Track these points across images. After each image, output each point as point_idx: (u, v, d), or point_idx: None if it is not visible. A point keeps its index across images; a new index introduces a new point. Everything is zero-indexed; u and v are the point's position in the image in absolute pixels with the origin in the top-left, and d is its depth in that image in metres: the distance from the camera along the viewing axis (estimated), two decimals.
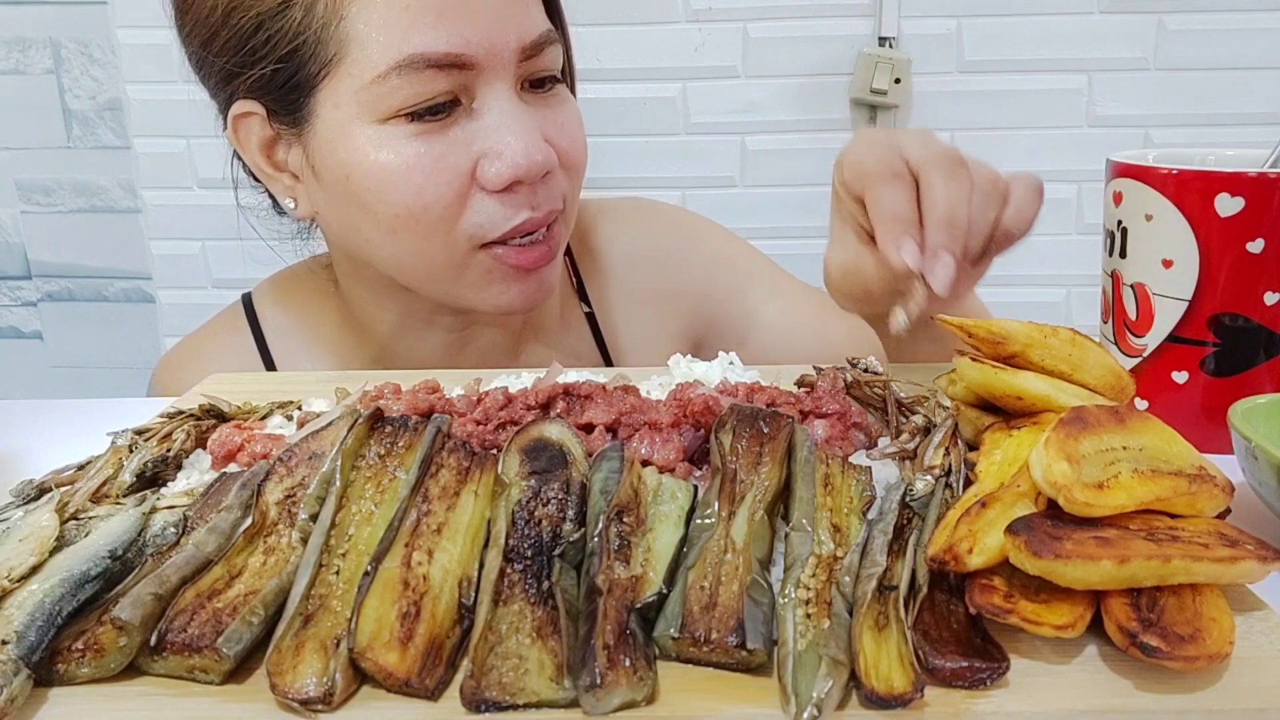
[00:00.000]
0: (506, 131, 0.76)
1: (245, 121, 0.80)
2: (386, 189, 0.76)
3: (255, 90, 0.78)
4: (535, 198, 0.78)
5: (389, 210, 0.76)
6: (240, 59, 0.77)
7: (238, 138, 0.82)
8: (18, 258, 2.11)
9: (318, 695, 0.38)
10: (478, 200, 0.77)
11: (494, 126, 0.76)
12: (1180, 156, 0.69)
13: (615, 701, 0.38)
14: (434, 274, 0.81)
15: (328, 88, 0.76)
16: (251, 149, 0.82)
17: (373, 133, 0.75)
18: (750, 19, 1.86)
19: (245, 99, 0.79)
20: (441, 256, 0.79)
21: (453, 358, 0.91)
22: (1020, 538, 0.41)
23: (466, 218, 0.77)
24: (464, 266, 0.79)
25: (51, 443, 0.64)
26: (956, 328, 0.56)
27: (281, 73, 0.76)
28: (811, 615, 0.41)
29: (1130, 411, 0.50)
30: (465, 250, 0.78)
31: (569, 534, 0.46)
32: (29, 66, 2.01)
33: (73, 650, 0.40)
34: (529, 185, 0.77)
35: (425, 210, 0.76)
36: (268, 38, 0.75)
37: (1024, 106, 1.88)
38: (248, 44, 0.76)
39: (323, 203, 0.81)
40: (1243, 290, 0.63)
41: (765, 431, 0.52)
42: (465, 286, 0.81)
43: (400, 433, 0.52)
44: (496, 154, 0.76)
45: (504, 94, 0.77)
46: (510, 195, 0.77)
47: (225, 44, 0.78)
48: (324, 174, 0.79)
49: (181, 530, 0.48)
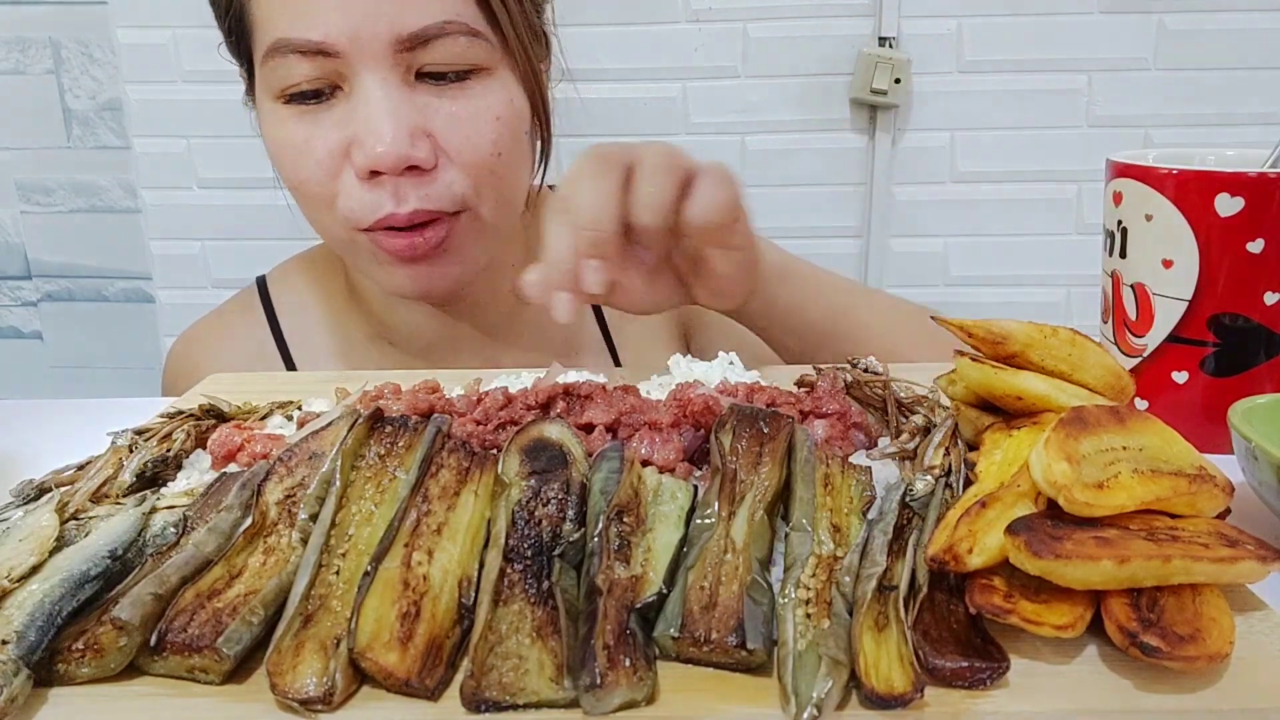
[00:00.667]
0: (371, 121, 0.76)
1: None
2: (278, 162, 0.82)
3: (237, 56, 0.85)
4: (401, 193, 0.77)
5: (287, 181, 0.82)
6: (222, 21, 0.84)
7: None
8: (18, 258, 2.11)
9: (318, 695, 0.38)
10: (348, 185, 0.79)
11: (362, 114, 0.77)
12: (1180, 156, 0.69)
13: (615, 701, 0.38)
14: (340, 245, 0.85)
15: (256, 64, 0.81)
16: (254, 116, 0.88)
17: (271, 109, 0.81)
18: (750, 19, 1.86)
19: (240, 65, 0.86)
20: (333, 231, 0.83)
21: (448, 335, 0.93)
22: (1020, 538, 0.41)
23: (341, 199, 0.79)
24: (352, 243, 0.82)
25: (51, 443, 0.63)
26: (956, 328, 0.56)
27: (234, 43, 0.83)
28: (811, 615, 0.41)
29: (1130, 411, 0.50)
30: (346, 230, 0.81)
31: (569, 534, 0.46)
32: (29, 66, 2.01)
33: (73, 650, 0.40)
34: (393, 178, 0.77)
35: (302, 185, 0.80)
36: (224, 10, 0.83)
37: (1024, 106, 1.88)
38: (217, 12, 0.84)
39: None
40: (1243, 290, 0.63)
41: (765, 431, 0.52)
42: (360, 263, 0.84)
43: (400, 433, 0.52)
44: (358, 141, 0.77)
45: (376, 83, 0.76)
46: (375, 187, 0.78)
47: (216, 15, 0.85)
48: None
49: (181, 530, 0.48)
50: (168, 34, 1.86)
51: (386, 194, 0.77)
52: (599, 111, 1.83)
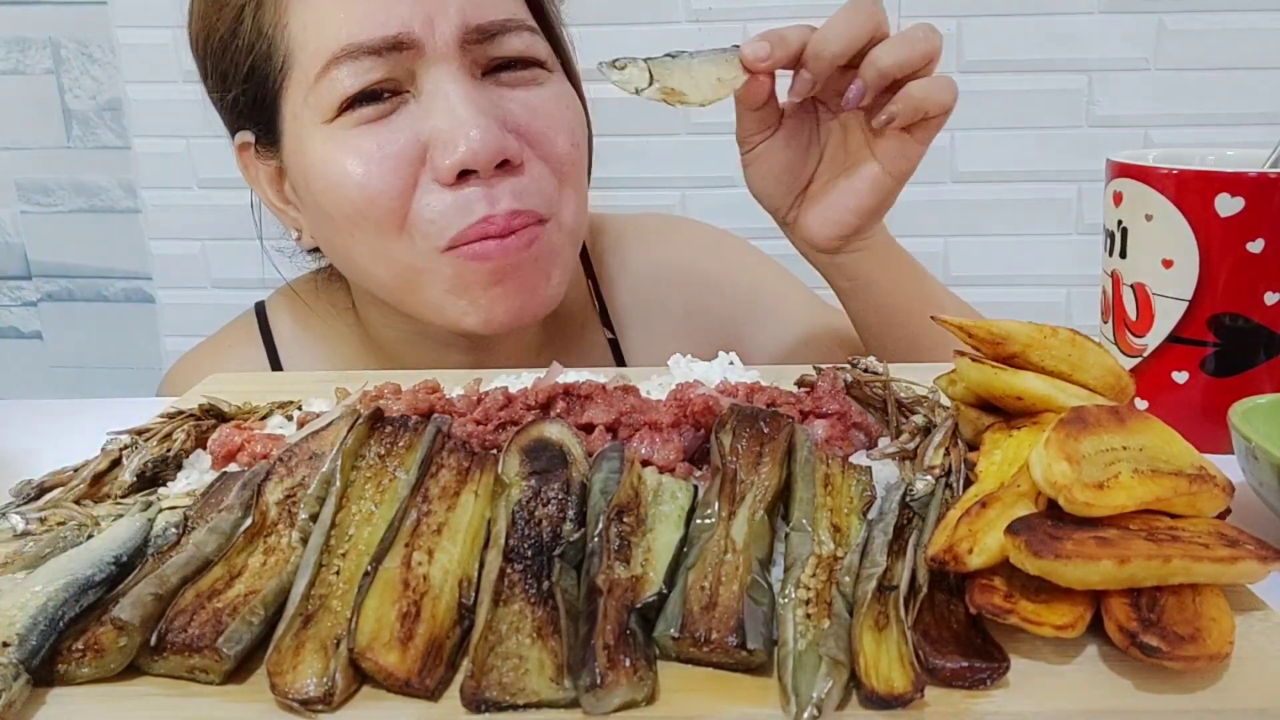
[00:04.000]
0: (452, 114, 0.71)
1: (246, 154, 0.81)
2: (335, 185, 0.73)
3: (241, 118, 0.79)
4: (494, 193, 0.73)
5: (341, 210, 0.74)
6: (222, 87, 0.78)
7: (247, 173, 0.82)
8: (18, 258, 2.11)
9: (318, 695, 0.38)
10: (429, 193, 0.73)
11: (440, 110, 0.72)
12: (1180, 156, 0.69)
13: (615, 701, 0.38)
14: (404, 280, 0.76)
15: (286, 99, 0.76)
16: (261, 183, 0.82)
17: (323, 134, 0.74)
18: (750, 19, 1.85)
19: (241, 130, 0.80)
20: (404, 258, 0.74)
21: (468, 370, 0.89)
22: (1020, 538, 0.41)
23: (417, 212, 0.73)
24: (430, 271, 0.75)
25: (51, 443, 0.63)
26: (956, 328, 0.56)
27: (248, 93, 0.77)
28: (811, 615, 0.41)
29: (1130, 411, 0.50)
30: (426, 252, 0.74)
31: (569, 534, 0.46)
32: (29, 66, 2.01)
33: (73, 650, 0.41)
34: (485, 178, 0.72)
35: (371, 204, 0.72)
36: (231, 58, 0.76)
37: (1024, 106, 1.88)
38: (220, 69, 0.78)
39: (308, 223, 0.80)
40: (1243, 290, 0.63)
41: (765, 431, 0.52)
42: (441, 293, 0.76)
43: (400, 433, 0.52)
44: (443, 139, 0.71)
45: (451, 76, 0.72)
46: (464, 189, 0.72)
47: (212, 71, 0.79)
48: (297, 188, 0.78)
49: (181, 530, 0.48)
50: (168, 34, 1.86)
51: (478, 196, 0.72)
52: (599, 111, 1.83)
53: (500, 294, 0.75)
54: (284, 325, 0.93)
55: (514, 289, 0.76)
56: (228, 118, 0.81)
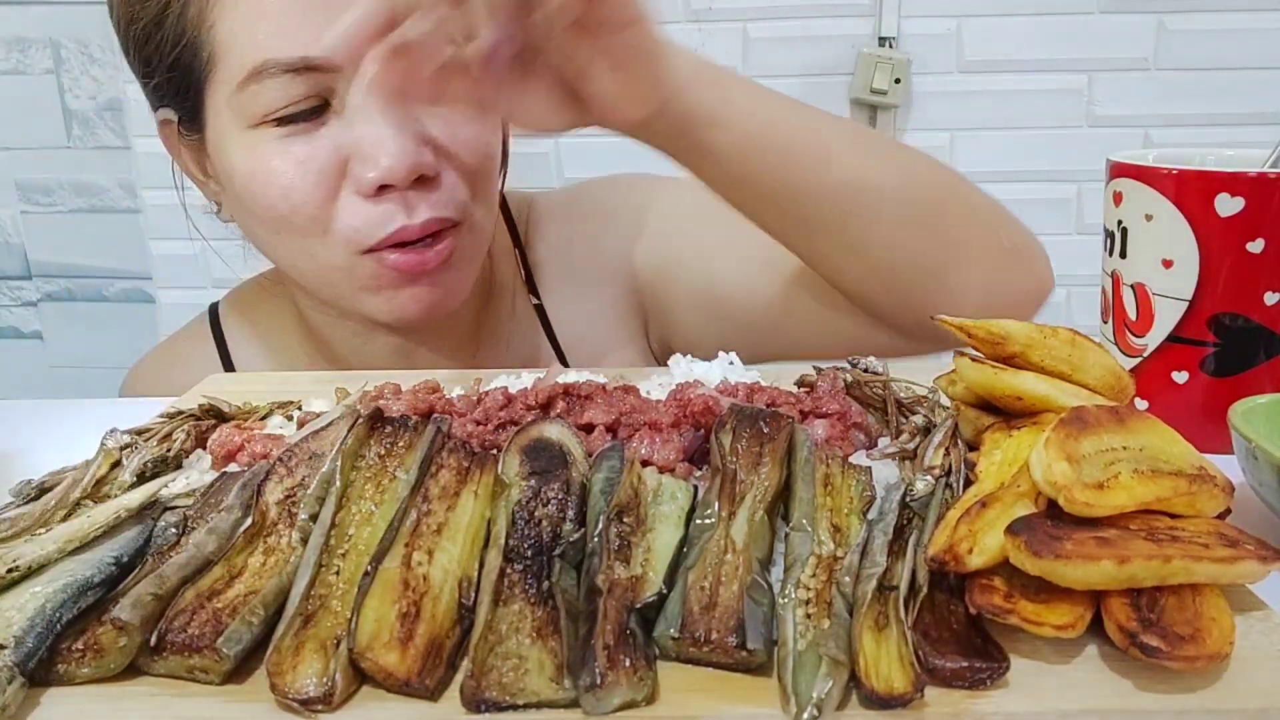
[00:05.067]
0: (374, 133, 0.73)
1: (167, 130, 0.83)
2: (258, 192, 0.76)
3: (166, 98, 0.81)
4: (411, 205, 0.75)
5: (266, 214, 0.77)
6: (145, 67, 0.80)
7: (168, 145, 0.85)
8: (18, 258, 2.11)
9: (318, 695, 0.38)
10: (350, 203, 0.75)
11: (362, 129, 0.74)
12: (1180, 156, 0.69)
13: (615, 701, 0.38)
14: (325, 277, 0.80)
15: (210, 94, 0.77)
16: (182, 157, 0.85)
17: (245, 138, 0.76)
18: (750, 19, 1.86)
19: (163, 107, 0.82)
20: (325, 258, 0.78)
21: (404, 361, 0.90)
22: (1020, 538, 0.41)
23: (340, 219, 0.76)
24: (349, 270, 0.78)
25: (51, 443, 0.63)
26: (956, 328, 0.56)
27: (173, 81, 0.78)
28: (811, 615, 0.41)
29: (1130, 411, 0.50)
30: (346, 254, 0.77)
31: (569, 534, 0.46)
32: (29, 66, 2.01)
33: (73, 650, 0.40)
34: (402, 191, 0.75)
35: (294, 212, 0.76)
36: (156, 45, 0.78)
37: (1024, 106, 1.88)
38: (144, 52, 0.79)
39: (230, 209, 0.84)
40: (1243, 290, 0.63)
41: (765, 431, 0.52)
42: (355, 290, 0.79)
43: (400, 433, 0.52)
44: (362, 156, 0.74)
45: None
46: (382, 201, 0.75)
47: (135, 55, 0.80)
48: (219, 177, 0.81)
49: (181, 530, 0.48)
50: None
51: (396, 207, 0.75)
52: None
53: (413, 293, 0.79)
54: (234, 323, 0.96)
55: (427, 288, 0.79)
56: (151, 96, 0.82)
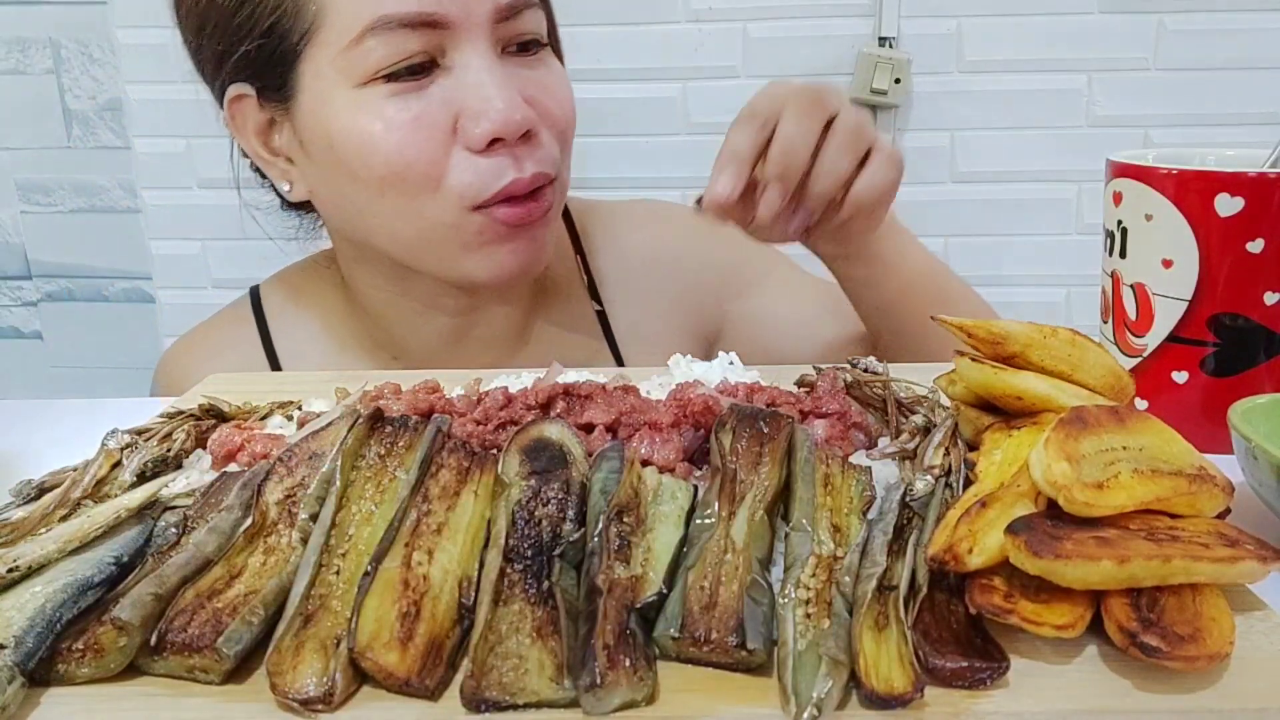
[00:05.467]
0: (485, 89, 0.76)
1: (240, 106, 0.83)
2: (368, 151, 0.77)
3: (245, 72, 0.81)
4: (519, 159, 0.79)
5: (373, 173, 0.78)
6: (228, 40, 0.80)
7: (235, 124, 0.84)
8: (18, 258, 2.11)
9: (318, 695, 0.38)
10: (462, 159, 0.78)
11: (472, 84, 0.77)
12: (1180, 156, 0.69)
13: (615, 701, 0.38)
14: (427, 237, 0.81)
15: (308, 58, 0.78)
16: (248, 134, 0.84)
17: (352, 97, 0.77)
18: (750, 19, 1.86)
19: (237, 82, 0.81)
20: (433, 215, 0.79)
21: (455, 346, 0.92)
22: (1020, 538, 0.41)
23: (452, 176, 0.78)
24: (458, 227, 0.80)
25: (51, 443, 0.63)
26: (956, 328, 0.56)
27: (265, 48, 0.79)
28: (811, 615, 0.41)
29: (1130, 411, 0.50)
30: (457, 209, 0.79)
31: (569, 534, 0.46)
32: (29, 66, 2.01)
33: (73, 650, 0.40)
34: (511, 145, 0.78)
35: (408, 168, 0.77)
36: (250, 14, 0.78)
37: (1024, 106, 1.88)
38: (232, 23, 0.79)
39: (315, 179, 0.83)
40: (1243, 290, 0.63)
41: (765, 431, 0.52)
42: (460, 248, 0.81)
43: (400, 433, 0.52)
44: (476, 112, 0.76)
45: (481, 52, 0.77)
46: (493, 155, 0.78)
47: (215, 27, 0.80)
48: (311, 147, 0.81)
49: (181, 530, 0.48)
50: (168, 34, 1.84)
51: (506, 161, 0.78)
52: (599, 111, 1.83)
53: (513, 248, 0.82)
54: (276, 305, 0.96)
55: (525, 243, 0.82)
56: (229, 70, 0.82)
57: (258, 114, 0.82)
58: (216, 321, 0.99)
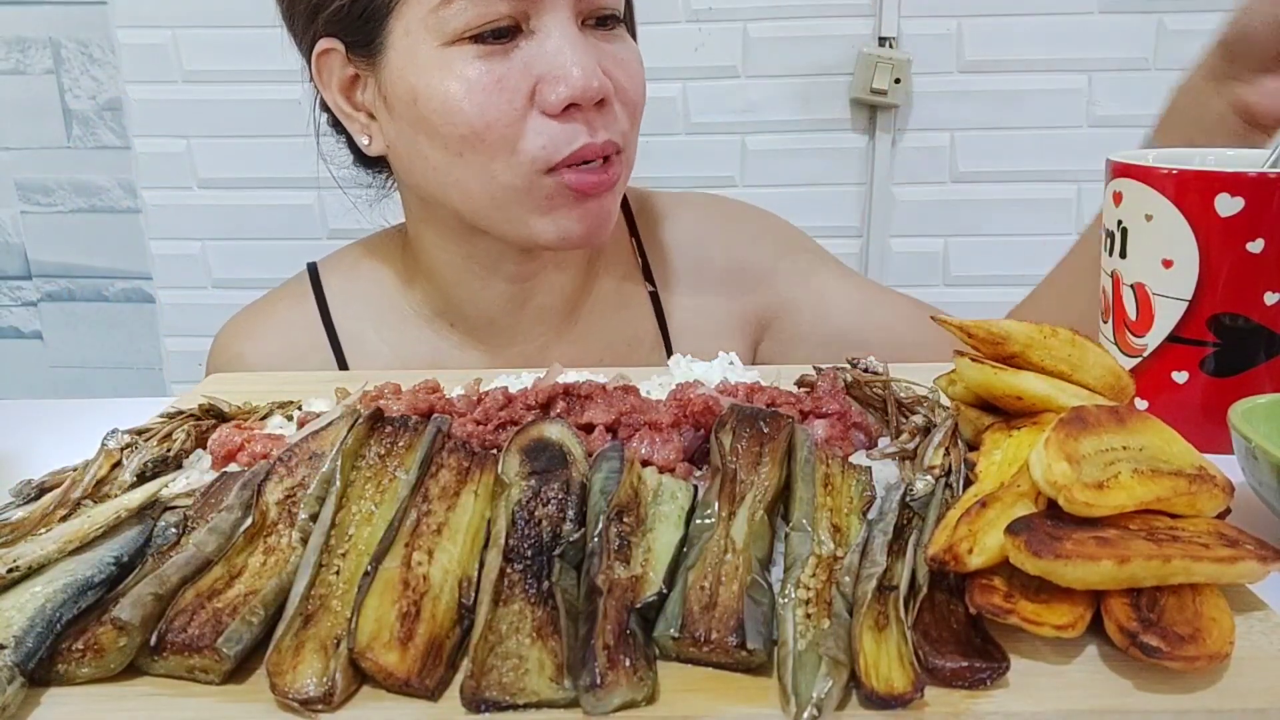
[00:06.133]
0: (565, 55, 0.79)
1: (327, 60, 0.85)
2: (451, 109, 0.80)
3: (336, 26, 0.84)
4: (593, 125, 0.81)
5: (454, 131, 0.80)
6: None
7: (320, 78, 0.87)
8: (18, 258, 2.11)
9: (318, 695, 0.38)
10: (537, 122, 0.80)
11: (553, 51, 0.79)
12: (1180, 156, 0.69)
13: (615, 701, 0.38)
14: (499, 198, 0.83)
15: (399, 15, 0.81)
16: (332, 88, 0.87)
17: (439, 55, 0.80)
18: (750, 19, 1.86)
19: (326, 37, 0.84)
20: (506, 177, 0.82)
21: (513, 313, 0.94)
22: (1020, 538, 0.41)
23: (528, 139, 0.80)
24: (529, 189, 0.82)
25: (51, 443, 0.63)
26: (956, 328, 0.56)
27: (359, 4, 0.82)
28: (811, 615, 0.41)
29: (1130, 411, 0.50)
30: (530, 172, 0.81)
31: (569, 534, 0.46)
32: (29, 66, 2.01)
33: (73, 650, 0.41)
34: (585, 111, 0.80)
35: (487, 128, 0.80)
36: None
37: (1024, 106, 1.88)
38: None
39: (394, 135, 0.86)
40: (1243, 290, 0.63)
41: (765, 431, 0.52)
42: (530, 210, 0.83)
43: (400, 433, 0.52)
44: (555, 77, 0.79)
45: (563, 21, 0.80)
46: (568, 120, 0.80)
47: None
48: (395, 103, 0.83)
49: (182, 530, 0.48)
50: (168, 34, 1.86)
51: (580, 126, 0.81)
52: None
53: (580, 214, 0.84)
54: (335, 279, 0.99)
55: (592, 211, 0.84)
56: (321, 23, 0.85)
57: (343, 69, 0.85)
58: (273, 297, 1.01)
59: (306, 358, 0.94)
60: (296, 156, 1.90)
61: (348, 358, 0.95)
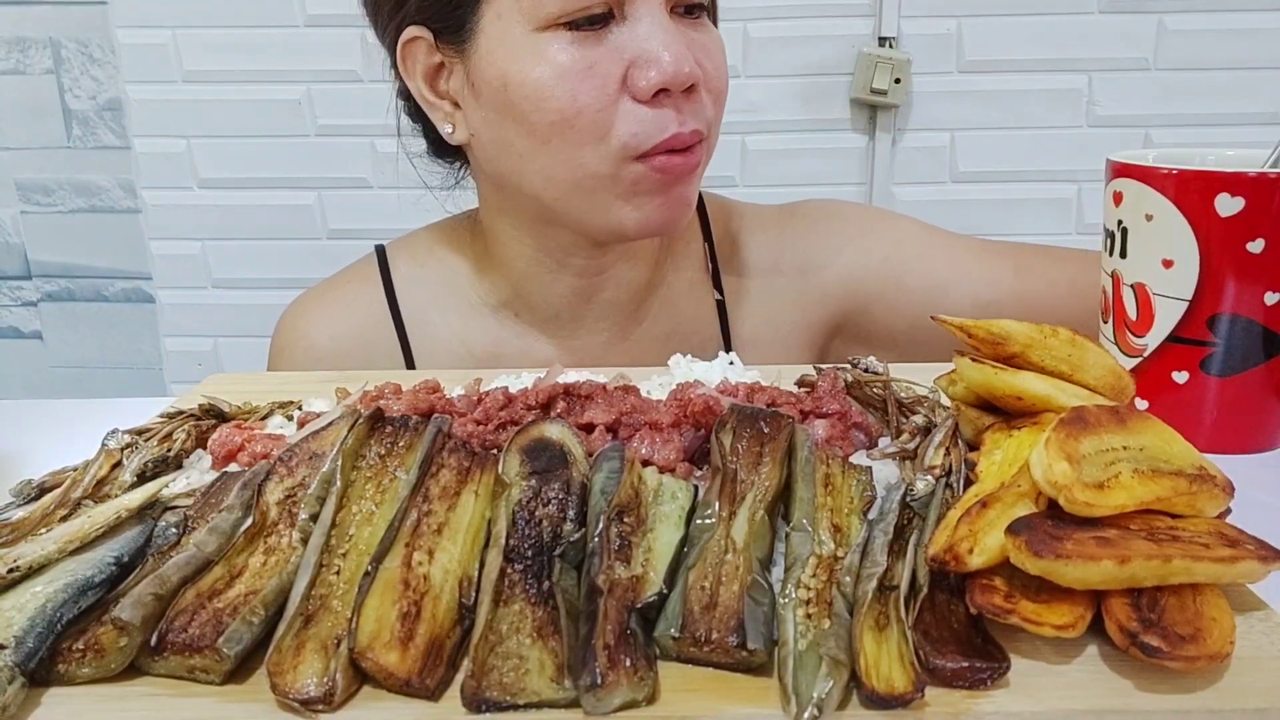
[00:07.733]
0: (657, 41, 0.79)
1: (413, 48, 0.86)
2: (543, 95, 0.80)
3: (426, 13, 0.84)
4: (682, 112, 0.81)
5: (545, 118, 0.80)
6: None
7: (405, 66, 0.87)
8: (18, 258, 2.11)
9: (318, 695, 0.38)
10: (628, 108, 0.80)
11: (645, 36, 0.80)
12: (1180, 156, 0.69)
13: (616, 701, 0.38)
14: (584, 184, 0.83)
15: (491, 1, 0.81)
16: (417, 77, 0.87)
17: (532, 41, 0.80)
18: (750, 19, 1.86)
19: (414, 25, 0.84)
20: (594, 164, 0.82)
21: (579, 307, 0.94)
22: (1020, 538, 0.41)
23: (619, 125, 0.80)
24: (615, 176, 0.82)
25: (51, 443, 0.64)
26: (956, 328, 0.56)
27: None
28: (812, 615, 0.41)
29: (1130, 411, 0.50)
30: (618, 159, 0.81)
31: (569, 534, 0.46)
32: (29, 66, 2.01)
33: (73, 650, 0.41)
34: (674, 98, 0.80)
35: (579, 114, 0.80)
36: None
37: (1024, 106, 1.88)
38: None
39: (479, 122, 0.86)
40: (1243, 290, 0.63)
41: (765, 431, 0.52)
42: (613, 197, 0.83)
43: (400, 433, 0.52)
44: (646, 62, 0.79)
45: (655, 8, 0.80)
46: (658, 106, 0.80)
47: None
48: (483, 89, 0.83)
49: (182, 530, 0.48)
50: (168, 34, 1.86)
51: (670, 113, 0.81)
52: None
53: (664, 201, 0.84)
54: (403, 264, 0.99)
55: (675, 198, 0.85)
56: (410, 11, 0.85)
57: (429, 57, 0.85)
58: (341, 278, 1.01)
59: (371, 339, 0.95)
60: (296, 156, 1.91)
61: (411, 341, 0.96)
